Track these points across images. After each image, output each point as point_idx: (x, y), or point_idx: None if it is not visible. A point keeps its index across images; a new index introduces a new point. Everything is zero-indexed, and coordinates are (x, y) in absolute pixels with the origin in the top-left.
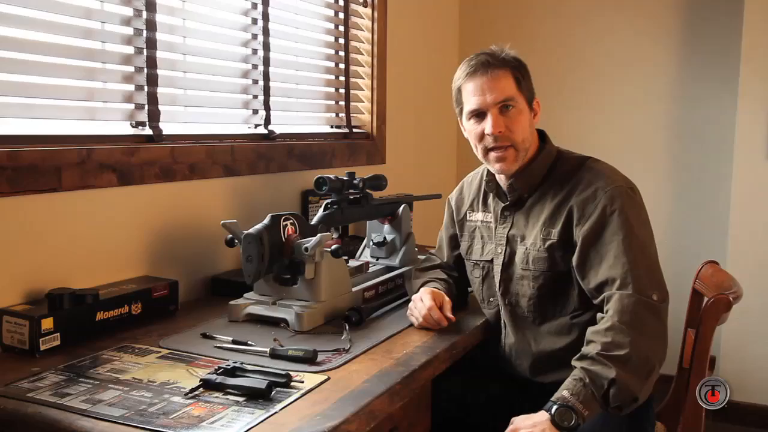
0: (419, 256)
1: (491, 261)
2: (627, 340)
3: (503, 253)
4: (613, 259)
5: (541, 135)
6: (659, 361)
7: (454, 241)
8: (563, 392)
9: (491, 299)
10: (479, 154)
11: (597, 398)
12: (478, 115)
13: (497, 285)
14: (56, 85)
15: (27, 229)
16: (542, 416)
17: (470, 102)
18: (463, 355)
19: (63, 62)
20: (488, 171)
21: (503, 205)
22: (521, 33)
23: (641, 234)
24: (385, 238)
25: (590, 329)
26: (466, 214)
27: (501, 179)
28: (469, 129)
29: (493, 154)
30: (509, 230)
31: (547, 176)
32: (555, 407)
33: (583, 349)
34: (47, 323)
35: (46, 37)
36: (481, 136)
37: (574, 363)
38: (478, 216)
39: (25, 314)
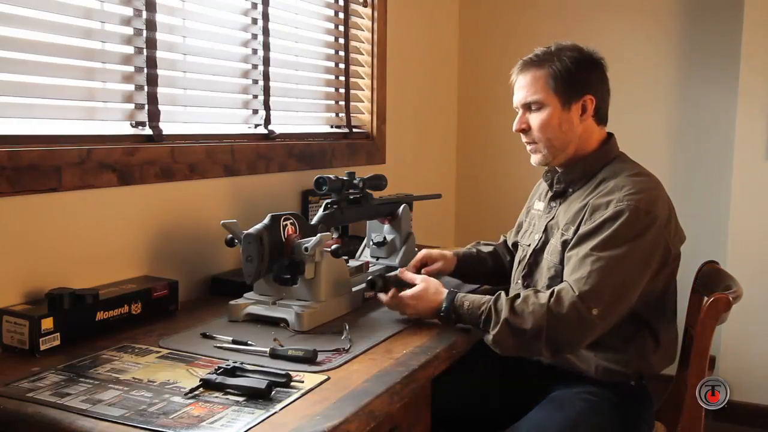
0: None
1: (529, 245)
2: (536, 325)
3: (539, 240)
4: (578, 263)
5: (609, 137)
6: (532, 354)
7: (520, 227)
8: (467, 302)
9: (518, 280)
10: None
11: (473, 324)
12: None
13: (523, 267)
14: (56, 85)
15: (27, 229)
16: (435, 300)
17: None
18: (462, 355)
19: (63, 62)
20: None
21: (551, 195)
22: (521, 33)
23: (619, 255)
24: (385, 238)
25: (529, 292)
26: (533, 202)
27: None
28: None
29: (527, 147)
30: (550, 220)
31: (594, 176)
32: (449, 309)
33: (515, 292)
34: (47, 323)
35: (46, 37)
36: None
37: (500, 293)
38: (538, 205)
39: (25, 314)
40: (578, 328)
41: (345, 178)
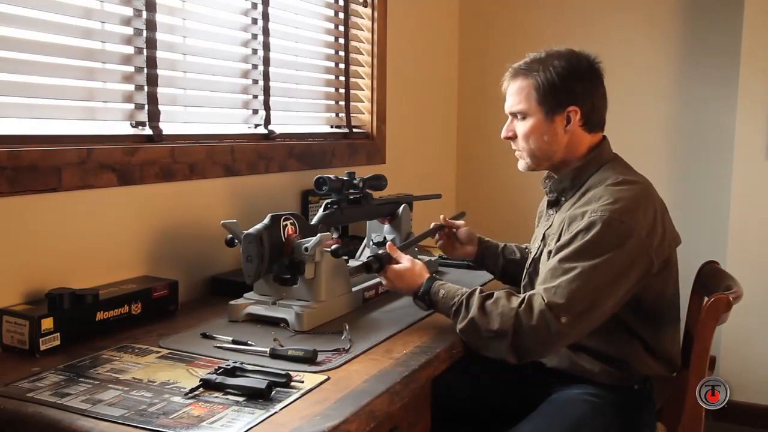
0: (420, 257)
1: (532, 253)
2: (502, 329)
3: (538, 248)
4: (550, 273)
5: (601, 141)
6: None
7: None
8: (443, 291)
9: (521, 290)
10: None
11: (444, 313)
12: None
13: (524, 276)
14: (56, 85)
15: (27, 229)
16: (415, 282)
17: None
18: (462, 355)
19: (63, 62)
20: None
21: (548, 203)
22: (521, 33)
23: (591, 266)
24: (385, 238)
25: (502, 294)
26: (544, 208)
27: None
28: None
29: (516, 153)
30: (547, 228)
31: (582, 184)
32: (426, 294)
33: (491, 292)
34: (47, 323)
35: (46, 37)
36: None
37: (476, 288)
38: (544, 210)
39: (25, 314)
40: (545, 338)
41: (345, 178)
